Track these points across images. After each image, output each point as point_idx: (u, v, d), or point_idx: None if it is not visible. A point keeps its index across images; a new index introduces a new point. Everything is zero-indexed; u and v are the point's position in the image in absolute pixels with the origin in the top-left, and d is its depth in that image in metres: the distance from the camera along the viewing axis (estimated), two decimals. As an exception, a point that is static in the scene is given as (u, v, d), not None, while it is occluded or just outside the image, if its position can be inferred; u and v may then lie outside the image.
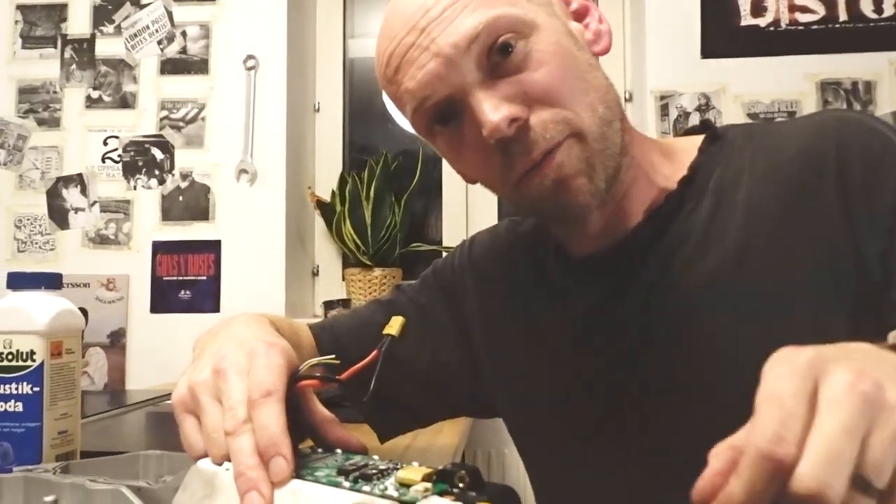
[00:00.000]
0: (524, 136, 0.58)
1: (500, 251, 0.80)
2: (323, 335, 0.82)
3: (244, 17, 1.87)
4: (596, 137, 0.59)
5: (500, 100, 0.57)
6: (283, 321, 0.75)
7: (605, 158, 0.60)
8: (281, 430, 0.42)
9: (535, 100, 0.58)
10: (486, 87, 0.58)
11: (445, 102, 0.60)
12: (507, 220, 0.84)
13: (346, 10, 2.14)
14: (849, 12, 1.76)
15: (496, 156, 0.59)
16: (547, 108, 0.58)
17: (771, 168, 0.62)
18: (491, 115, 0.56)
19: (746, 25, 1.79)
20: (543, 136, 0.58)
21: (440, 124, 0.62)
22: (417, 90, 0.59)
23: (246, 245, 1.83)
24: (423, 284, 0.86)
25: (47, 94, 1.90)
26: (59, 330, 0.68)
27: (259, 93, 1.85)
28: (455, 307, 0.82)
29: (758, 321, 0.59)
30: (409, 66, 0.59)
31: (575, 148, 0.59)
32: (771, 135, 0.65)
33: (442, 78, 0.58)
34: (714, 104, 1.78)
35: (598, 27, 0.65)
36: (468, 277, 0.82)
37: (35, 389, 0.66)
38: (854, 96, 1.74)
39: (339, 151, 2.08)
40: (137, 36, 1.89)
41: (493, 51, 0.58)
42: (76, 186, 1.88)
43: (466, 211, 2.03)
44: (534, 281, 0.75)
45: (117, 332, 1.82)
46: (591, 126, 0.59)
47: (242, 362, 0.47)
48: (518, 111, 0.57)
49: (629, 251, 0.65)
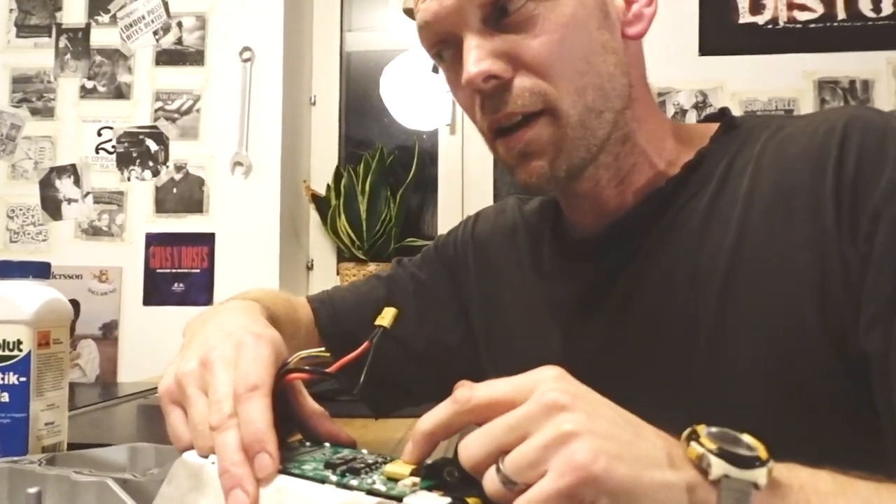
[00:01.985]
0: (498, 94, 0.59)
1: (503, 230, 0.80)
2: (322, 309, 0.82)
3: (241, 8, 1.86)
4: (572, 123, 0.59)
5: (489, 52, 0.58)
6: (279, 299, 0.75)
7: (575, 146, 0.59)
8: (266, 426, 0.42)
9: (522, 64, 0.58)
10: (481, 35, 0.59)
11: (446, 36, 0.61)
12: (514, 198, 0.83)
13: (344, 4, 2.12)
14: (847, 11, 1.76)
15: (477, 100, 0.61)
16: (530, 76, 0.58)
17: (776, 162, 0.60)
18: (472, 65, 0.58)
19: (745, 23, 1.78)
20: (516, 100, 0.58)
21: (444, 56, 0.63)
22: (427, 16, 0.61)
23: (240, 238, 1.82)
24: (425, 260, 0.85)
25: (41, 83, 1.89)
26: (47, 319, 0.67)
27: (255, 85, 1.84)
28: (455, 284, 0.82)
29: (745, 318, 0.58)
30: None
31: (549, 128, 0.59)
32: (783, 129, 0.63)
33: (448, 13, 0.59)
34: (711, 101, 1.77)
35: (643, 10, 0.63)
36: (470, 255, 0.81)
37: (21, 380, 0.65)
38: (852, 95, 1.74)
39: (335, 145, 2.08)
40: (133, 26, 1.88)
41: (498, 2, 0.58)
42: (69, 177, 1.86)
43: (462, 205, 2.02)
44: (531, 262, 0.74)
45: (109, 324, 1.81)
46: (569, 109, 0.58)
47: (229, 354, 0.46)
48: (500, 70, 0.58)
49: (622, 234, 0.64)
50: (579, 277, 0.68)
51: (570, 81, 0.58)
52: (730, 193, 0.61)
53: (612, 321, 0.65)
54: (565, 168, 0.60)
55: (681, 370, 0.60)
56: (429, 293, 0.82)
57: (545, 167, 0.59)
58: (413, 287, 0.82)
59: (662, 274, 0.62)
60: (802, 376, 0.55)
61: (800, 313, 0.56)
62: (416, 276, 0.83)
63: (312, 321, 0.80)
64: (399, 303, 0.81)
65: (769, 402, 0.56)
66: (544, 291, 0.72)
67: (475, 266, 0.81)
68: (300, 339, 0.76)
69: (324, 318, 0.81)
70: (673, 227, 0.63)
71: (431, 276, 0.83)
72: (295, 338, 0.74)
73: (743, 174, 0.61)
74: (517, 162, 0.61)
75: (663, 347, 0.62)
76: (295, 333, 0.74)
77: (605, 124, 0.60)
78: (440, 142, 2.05)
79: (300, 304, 0.81)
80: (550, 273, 0.71)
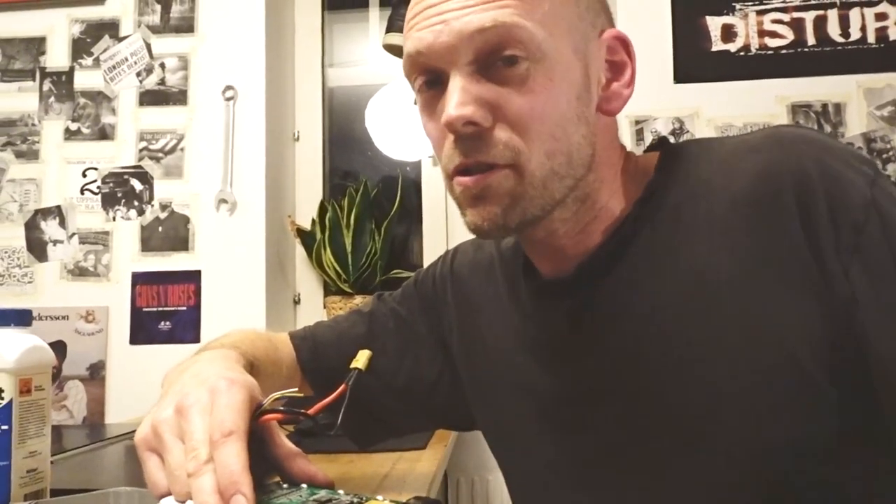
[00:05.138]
0: (472, 140, 0.59)
1: (481, 265, 0.81)
2: (303, 346, 0.83)
3: (223, 48, 1.89)
4: (534, 183, 0.60)
5: (473, 98, 0.58)
6: (259, 340, 0.76)
7: (531, 203, 0.60)
8: (241, 468, 0.43)
9: (503, 116, 0.59)
10: (469, 77, 0.59)
11: (433, 69, 0.61)
12: None
13: (325, 40, 2.16)
14: (817, 36, 1.80)
15: (450, 138, 0.61)
16: (507, 131, 0.59)
17: (728, 182, 0.60)
18: (454, 108, 0.58)
19: (717, 51, 1.82)
20: (490, 150, 0.59)
21: (425, 86, 0.63)
22: (420, 46, 0.61)
23: (226, 274, 1.83)
24: (405, 295, 0.86)
25: (25, 126, 1.90)
26: (29, 367, 0.67)
27: (238, 123, 1.86)
28: (435, 318, 0.83)
29: (722, 340, 0.58)
30: (426, 19, 0.61)
31: (510, 180, 0.59)
32: (726, 148, 0.63)
33: (442, 49, 0.59)
34: (688, 128, 1.81)
35: (622, 90, 0.65)
36: (449, 288, 0.82)
37: (3, 428, 0.65)
38: (824, 118, 1.78)
39: (319, 179, 2.09)
40: (116, 68, 1.90)
41: (494, 53, 0.59)
42: (55, 218, 1.87)
43: (447, 235, 2.04)
44: (509, 299, 0.75)
45: (97, 364, 1.81)
46: (535, 170, 0.59)
47: (204, 400, 0.47)
48: (480, 118, 0.58)
49: (587, 275, 0.65)
50: (550, 317, 0.68)
51: (542, 143, 0.59)
52: (687, 221, 0.61)
53: (581, 361, 0.65)
54: (517, 220, 0.60)
55: (660, 407, 0.61)
56: (409, 328, 0.83)
57: (498, 213, 0.60)
58: (393, 323, 0.83)
59: (624, 314, 0.63)
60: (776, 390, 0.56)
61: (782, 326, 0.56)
62: (396, 311, 0.85)
63: (294, 358, 0.81)
64: (380, 338, 0.82)
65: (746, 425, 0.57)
66: (522, 327, 0.72)
67: (454, 299, 0.82)
68: (282, 377, 0.77)
69: (305, 354, 0.82)
70: (633, 264, 0.63)
71: (411, 312, 0.84)
72: (276, 377, 0.75)
73: (696, 199, 0.62)
74: (471, 203, 0.61)
75: (631, 386, 0.62)
76: (276, 373, 0.75)
77: (564, 188, 0.61)
78: (423, 172, 2.07)
79: (281, 342, 0.82)
80: (526, 309, 0.72)
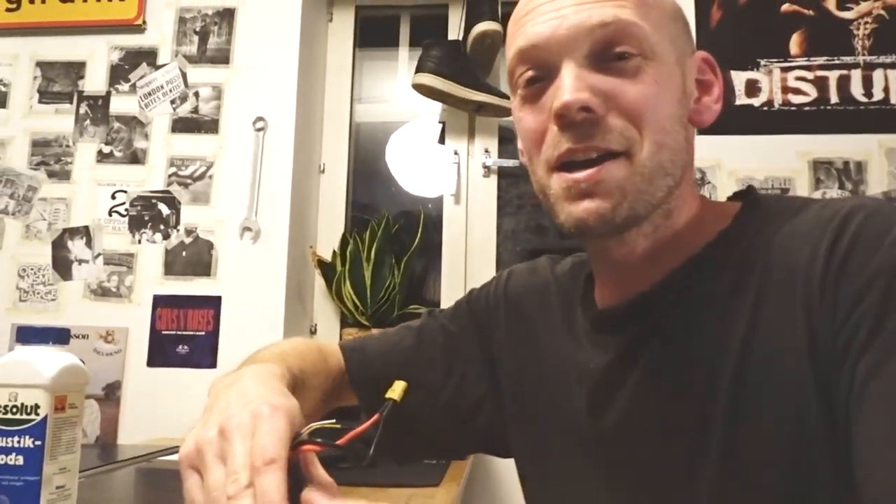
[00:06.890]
0: (585, 126, 0.59)
1: (536, 289, 0.81)
2: (353, 357, 0.83)
3: (256, 80, 1.93)
4: (644, 173, 0.60)
5: (587, 86, 0.59)
6: (310, 351, 0.77)
7: (638, 198, 0.60)
8: (281, 498, 0.44)
9: (616, 105, 0.60)
10: (583, 67, 0.60)
11: (544, 63, 0.62)
12: (545, 258, 0.85)
13: (355, 76, 2.20)
14: (840, 95, 1.82)
15: (553, 129, 0.61)
16: (622, 119, 0.60)
17: (783, 253, 0.59)
18: (570, 92, 0.58)
19: (741, 105, 1.85)
20: (605, 136, 0.59)
21: (530, 81, 0.63)
22: (536, 39, 0.61)
23: (246, 302, 1.85)
24: (456, 312, 0.86)
25: (60, 147, 1.95)
26: (65, 385, 0.69)
27: (267, 153, 1.90)
28: (485, 338, 0.83)
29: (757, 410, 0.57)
30: (540, 15, 0.62)
31: (623, 170, 0.59)
32: (796, 216, 0.61)
33: (560, 41, 0.60)
34: (710, 179, 1.82)
35: (712, 104, 0.67)
36: (501, 309, 0.82)
37: (37, 443, 0.66)
38: (846, 175, 1.79)
39: (342, 212, 2.12)
40: (151, 95, 1.95)
41: (608, 48, 0.60)
42: (82, 238, 1.90)
43: (465, 273, 2.05)
44: (563, 326, 0.75)
45: (113, 384, 1.82)
46: (646, 159, 0.60)
47: (247, 424, 0.48)
48: (596, 104, 0.59)
49: (644, 310, 0.65)
50: (606, 349, 0.67)
51: (654, 133, 0.60)
52: (745, 282, 0.61)
53: (633, 397, 0.65)
54: (624, 216, 0.60)
55: (697, 452, 0.60)
56: (458, 346, 0.83)
57: (607, 208, 0.59)
58: (443, 339, 0.83)
59: (681, 357, 0.62)
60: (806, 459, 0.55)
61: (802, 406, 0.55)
62: (446, 327, 0.84)
63: (342, 369, 0.82)
64: (427, 353, 0.83)
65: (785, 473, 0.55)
66: (575, 356, 0.72)
67: (506, 321, 0.81)
68: (329, 387, 0.78)
69: (353, 366, 0.82)
70: (690, 310, 0.63)
71: (462, 329, 0.84)
72: (323, 388, 0.76)
73: (754, 262, 0.61)
74: (576, 198, 0.60)
75: (679, 431, 0.61)
76: (323, 384, 0.76)
77: (665, 188, 0.61)
78: (444, 210, 2.09)
79: (331, 353, 0.82)
80: (581, 339, 0.72)
